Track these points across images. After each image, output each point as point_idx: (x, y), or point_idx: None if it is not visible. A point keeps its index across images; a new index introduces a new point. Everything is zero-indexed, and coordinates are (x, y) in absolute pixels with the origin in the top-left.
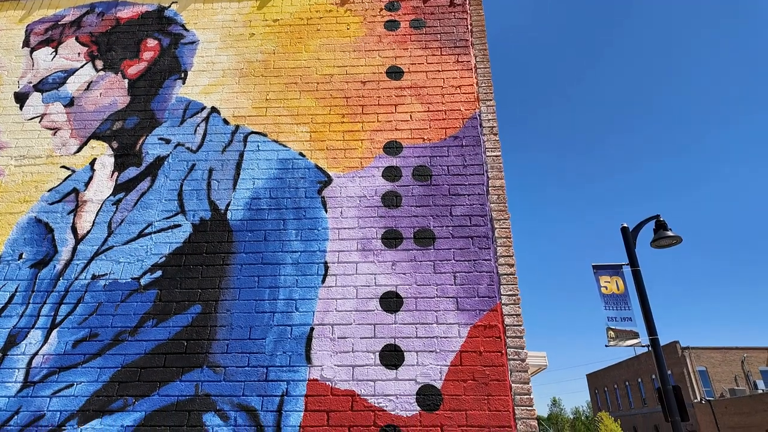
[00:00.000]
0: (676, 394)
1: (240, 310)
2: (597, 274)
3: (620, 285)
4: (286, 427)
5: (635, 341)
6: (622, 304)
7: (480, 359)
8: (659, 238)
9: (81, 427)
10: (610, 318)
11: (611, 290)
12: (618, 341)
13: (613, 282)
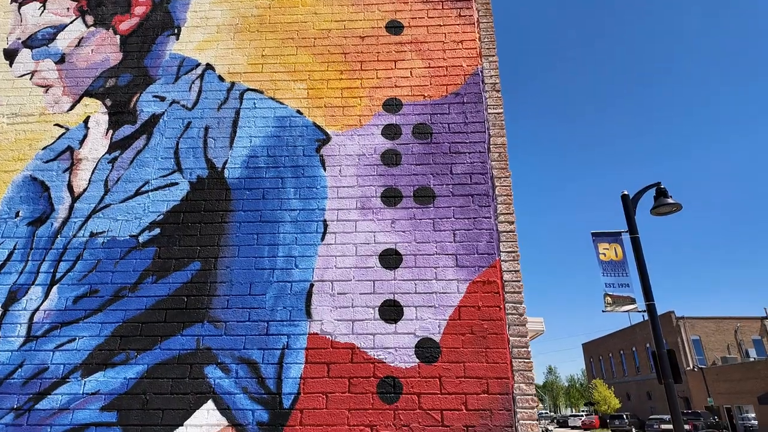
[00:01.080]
0: (670, 358)
1: (239, 266)
2: (596, 242)
3: (619, 252)
4: (287, 379)
5: (632, 306)
6: (620, 270)
7: (478, 314)
8: (659, 206)
9: (85, 380)
10: (608, 284)
11: (609, 257)
12: (615, 307)
13: (612, 249)
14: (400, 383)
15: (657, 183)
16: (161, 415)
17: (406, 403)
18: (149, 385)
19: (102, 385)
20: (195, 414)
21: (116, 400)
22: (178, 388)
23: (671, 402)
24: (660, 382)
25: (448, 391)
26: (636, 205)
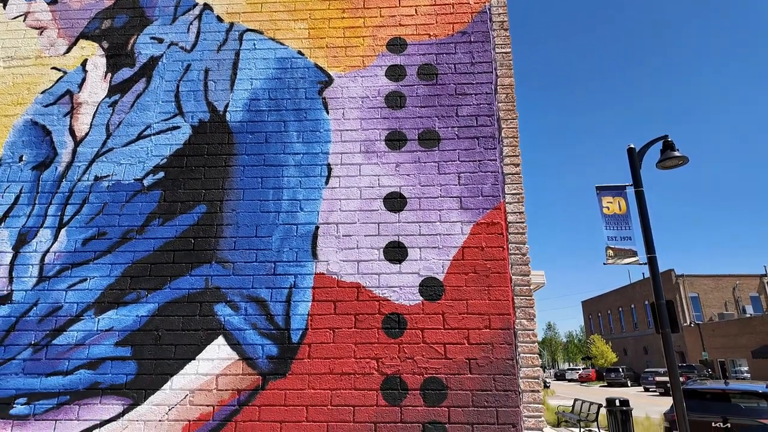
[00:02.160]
0: (668, 308)
1: (245, 209)
2: (600, 195)
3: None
4: (295, 316)
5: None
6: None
7: (482, 254)
8: (665, 159)
9: (98, 317)
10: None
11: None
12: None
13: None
14: (405, 319)
15: (664, 136)
16: (173, 350)
17: (410, 337)
18: (161, 322)
19: (115, 323)
20: (206, 349)
21: (129, 336)
22: (189, 325)
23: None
24: (657, 332)
25: (450, 326)
26: (642, 159)
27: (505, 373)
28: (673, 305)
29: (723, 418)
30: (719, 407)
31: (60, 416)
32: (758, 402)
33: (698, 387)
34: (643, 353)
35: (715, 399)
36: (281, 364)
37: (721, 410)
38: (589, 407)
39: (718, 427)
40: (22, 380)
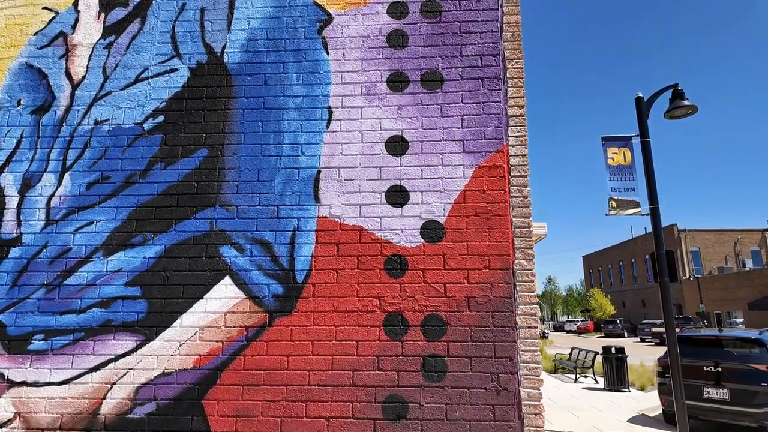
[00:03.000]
0: (668, 258)
1: (246, 153)
2: (605, 146)
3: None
4: (299, 257)
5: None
6: (627, 175)
7: (483, 197)
8: (674, 108)
9: (107, 259)
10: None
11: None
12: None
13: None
14: (406, 260)
15: (674, 84)
16: (182, 290)
17: (411, 277)
18: (168, 263)
19: (124, 264)
20: (214, 288)
21: (138, 276)
22: (196, 266)
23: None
24: (656, 282)
25: (451, 266)
26: (650, 108)
27: (503, 310)
28: (673, 255)
29: (714, 363)
30: (712, 353)
31: (76, 351)
32: (750, 348)
33: (692, 334)
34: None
35: (708, 345)
36: (287, 302)
37: (713, 356)
38: (586, 355)
39: (709, 371)
40: (38, 318)
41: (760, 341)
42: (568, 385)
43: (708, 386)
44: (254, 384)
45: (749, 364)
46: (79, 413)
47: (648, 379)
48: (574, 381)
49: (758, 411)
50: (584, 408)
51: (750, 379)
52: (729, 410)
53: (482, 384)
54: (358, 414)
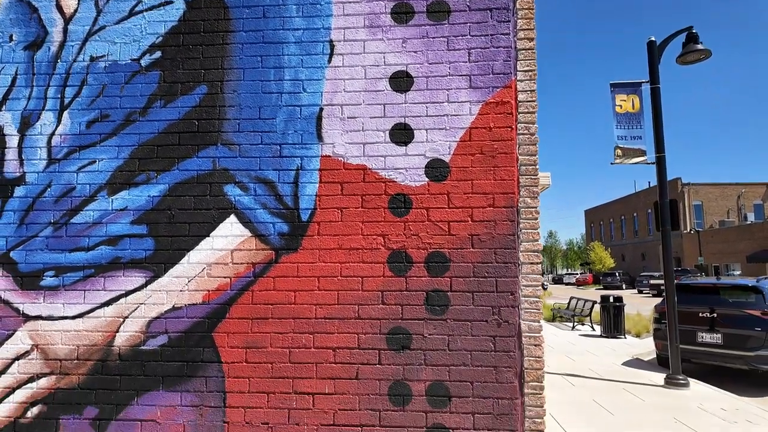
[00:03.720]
0: (671, 207)
1: (246, 90)
2: (614, 92)
3: (636, 103)
4: (303, 196)
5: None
6: (635, 122)
7: (489, 135)
8: (687, 53)
9: (111, 197)
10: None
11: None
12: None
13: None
14: (410, 199)
15: (689, 27)
16: (188, 228)
17: (415, 216)
18: (173, 202)
19: (129, 202)
20: (219, 226)
21: (144, 215)
22: (201, 205)
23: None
24: (657, 230)
25: (455, 205)
26: (662, 53)
27: (506, 247)
28: (676, 203)
29: (710, 309)
30: (708, 300)
31: (87, 287)
32: (746, 295)
33: (690, 282)
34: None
35: (705, 293)
36: (292, 240)
37: (709, 303)
38: (584, 304)
39: (704, 317)
40: (48, 255)
41: (756, 288)
42: (565, 333)
43: (702, 331)
44: (262, 317)
45: (744, 310)
46: (94, 345)
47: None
48: (571, 329)
49: (749, 354)
50: (580, 353)
51: (744, 324)
52: (721, 353)
53: (483, 317)
54: (364, 345)
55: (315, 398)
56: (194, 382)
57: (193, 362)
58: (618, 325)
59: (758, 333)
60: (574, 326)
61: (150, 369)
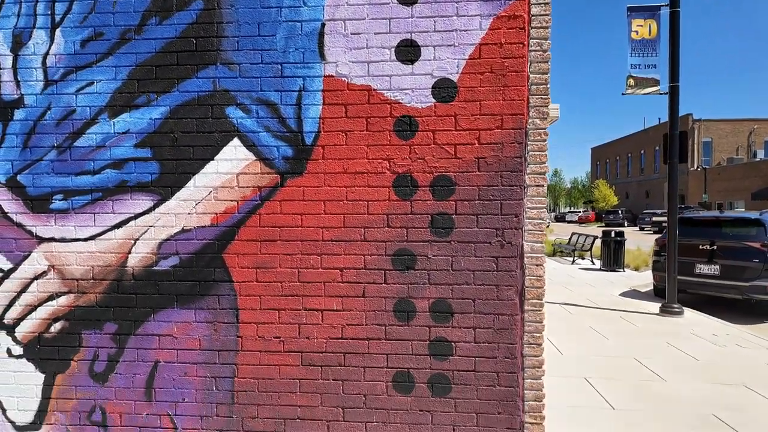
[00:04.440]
0: (681, 138)
1: (244, 5)
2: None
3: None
4: (306, 119)
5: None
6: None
7: (500, 51)
8: None
9: (113, 120)
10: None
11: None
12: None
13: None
14: (416, 121)
15: None
16: (192, 151)
17: (421, 139)
18: (175, 124)
19: (130, 125)
20: (223, 150)
21: (147, 138)
22: (203, 127)
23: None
24: (664, 162)
25: (462, 127)
26: None
27: (513, 170)
28: (686, 135)
29: (711, 242)
30: (710, 232)
31: (97, 210)
32: (748, 228)
33: (693, 215)
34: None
35: (707, 225)
36: (297, 164)
37: (710, 235)
38: (585, 239)
39: (704, 249)
40: (54, 179)
41: (759, 221)
42: (565, 266)
43: (701, 263)
44: (270, 239)
45: (744, 242)
46: (108, 265)
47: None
48: (571, 263)
49: (745, 284)
50: (579, 284)
51: (742, 256)
52: (717, 284)
53: (487, 239)
54: (370, 266)
55: (324, 314)
56: (207, 300)
57: (205, 281)
58: (618, 259)
59: (755, 264)
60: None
61: (164, 288)
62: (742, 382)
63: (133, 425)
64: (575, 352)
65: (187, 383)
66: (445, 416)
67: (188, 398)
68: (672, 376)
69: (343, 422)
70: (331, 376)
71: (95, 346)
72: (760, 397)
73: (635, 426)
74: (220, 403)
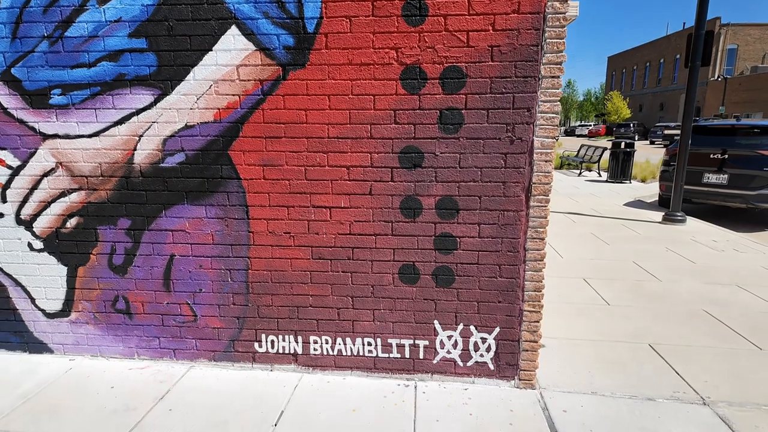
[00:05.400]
0: (707, 39)
1: None
2: None
3: None
4: (307, 3)
5: None
6: None
7: None
8: None
9: (102, 7)
10: None
11: None
12: None
13: None
14: (426, 5)
15: None
16: (188, 41)
17: (431, 25)
18: (169, 11)
19: (122, 12)
20: (221, 39)
21: (141, 27)
22: (198, 14)
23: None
24: (686, 66)
25: (476, 11)
26: None
27: (528, 59)
28: (712, 34)
29: (722, 150)
30: (722, 141)
31: (97, 105)
32: (762, 137)
33: (707, 123)
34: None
35: (721, 134)
36: (299, 54)
37: (723, 144)
38: (594, 151)
39: (715, 158)
40: (50, 72)
41: None
42: (571, 178)
43: (709, 172)
44: (275, 136)
45: (756, 151)
46: (115, 162)
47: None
48: (578, 175)
49: (751, 193)
50: (584, 195)
51: (752, 165)
52: (723, 193)
53: (497, 134)
54: (376, 163)
55: (332, 211)
56: (216, 197)
57: (212, 179)
58: (625, 171)
59: (764, 173)
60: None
61: (172, 185)
62: (734, 283)
63: (156, 313)
64: (576, 256)
65: (203, 275)
66: (448, 304)
67: (205, 288)
68: (667, 276)
69: (352, 310)
70: (341, 269)
71: (111, 241)
72: (749, 294)
73: (626, 318)
74: (235, 293)
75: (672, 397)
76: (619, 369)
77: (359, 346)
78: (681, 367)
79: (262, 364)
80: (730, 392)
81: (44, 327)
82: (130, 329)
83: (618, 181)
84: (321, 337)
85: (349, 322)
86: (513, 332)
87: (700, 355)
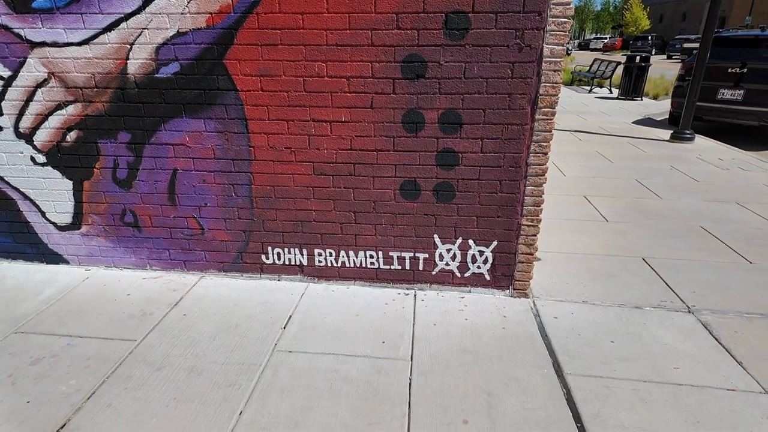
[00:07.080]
0: None
1: None
2: None
3: None
4: None
5: None
6: None
7: None
8: None
9: None
10: None
11: None
12: None
13: None
14: None
15: None
16: None
17: None
18: None
19: None
20: None
21: None
22: None
23: None
24: None
25: None
26: None
27: None
28: None
29: (742, 64)
30: (743, 54)
31: (83, 9)
32: None
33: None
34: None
35: (742, 45)
36: None
37: (743, 57)
38: (607, 65)
39: (733, 73)
40: None
41: None
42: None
43: (725, 88)
44: (272, 44)
45: None
46: (109, 72)
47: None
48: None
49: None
50: (593, 112)
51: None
52: (736, 110)
53: (505, 41)
54: (378, 74)
55: (332, 126)
56: (215, 109)
57: (209, 90)
58: (637, 88)
59: None
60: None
61: (169, 97)
62: (734, 200)
63: (164, 226)
64: (578, 174)
65: (207, 189)
66: (448, 219)
67: (210, 203)
68: (668, 194)
69: (354, 224)
70: (343, 185)
71: (113, 155)
72: (748, 211)
73: (622, 234)
74: (240, 208)
75: (659, 306)
76: (610, 281)
77: (362, 259)
78: (671, 279)
79: (270, 274)
80: (715, 301)
81: (57, 239)
82: (140, 242)
83: (629, 98)
84: (325, 250)
85: (351, 236)
86: (510, 245)
87: (691, 268)
